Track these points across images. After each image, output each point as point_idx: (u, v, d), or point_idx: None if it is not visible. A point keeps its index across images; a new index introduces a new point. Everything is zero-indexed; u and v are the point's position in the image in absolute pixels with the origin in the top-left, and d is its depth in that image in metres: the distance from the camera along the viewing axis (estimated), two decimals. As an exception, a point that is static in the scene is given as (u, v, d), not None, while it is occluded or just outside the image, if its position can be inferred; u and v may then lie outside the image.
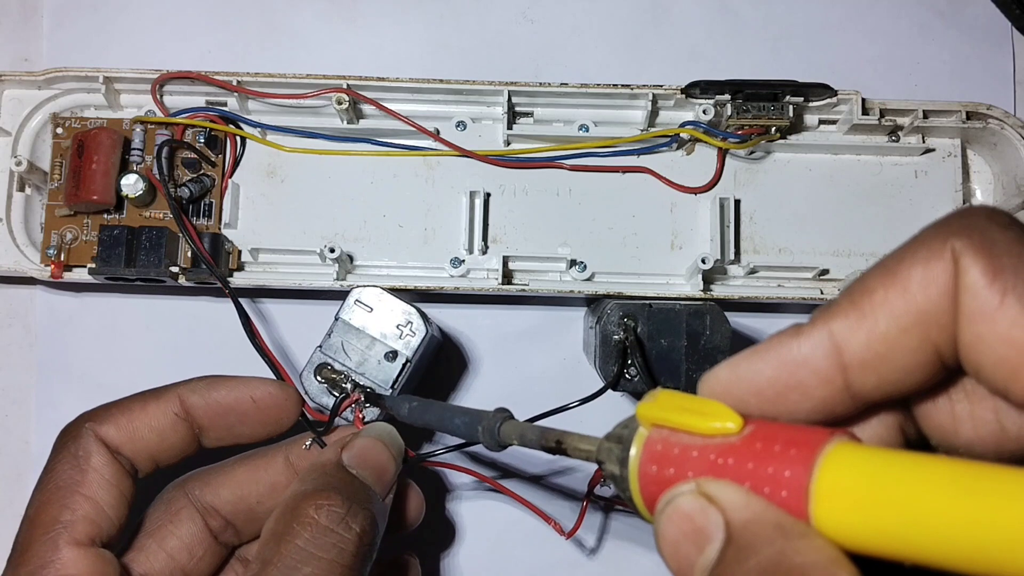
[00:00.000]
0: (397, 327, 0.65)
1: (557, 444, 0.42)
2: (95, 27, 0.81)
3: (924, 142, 0.76)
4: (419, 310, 0.65)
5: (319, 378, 0.64)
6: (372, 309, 0.65)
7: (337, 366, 0.64)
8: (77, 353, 0.77)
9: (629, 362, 0.64)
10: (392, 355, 0.64)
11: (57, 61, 0.79)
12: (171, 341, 0.77)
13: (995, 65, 0.82)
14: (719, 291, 0.73)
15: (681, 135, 0.75)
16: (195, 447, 0.59)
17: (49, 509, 0.53)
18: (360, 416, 0.64)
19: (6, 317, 0.78)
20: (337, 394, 0.64)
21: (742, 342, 0.73)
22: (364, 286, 0.66)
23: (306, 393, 0.64)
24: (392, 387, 0.64)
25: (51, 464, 0.55)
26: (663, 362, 0.64)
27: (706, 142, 0.75)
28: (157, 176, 0.71)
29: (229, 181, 0.75)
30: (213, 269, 0.69)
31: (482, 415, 0.49)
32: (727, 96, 0.73)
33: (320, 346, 0.64)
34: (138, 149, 0.74)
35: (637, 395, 0.66)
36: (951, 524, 0.28)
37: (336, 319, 0.65)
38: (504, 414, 0.49)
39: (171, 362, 0.77)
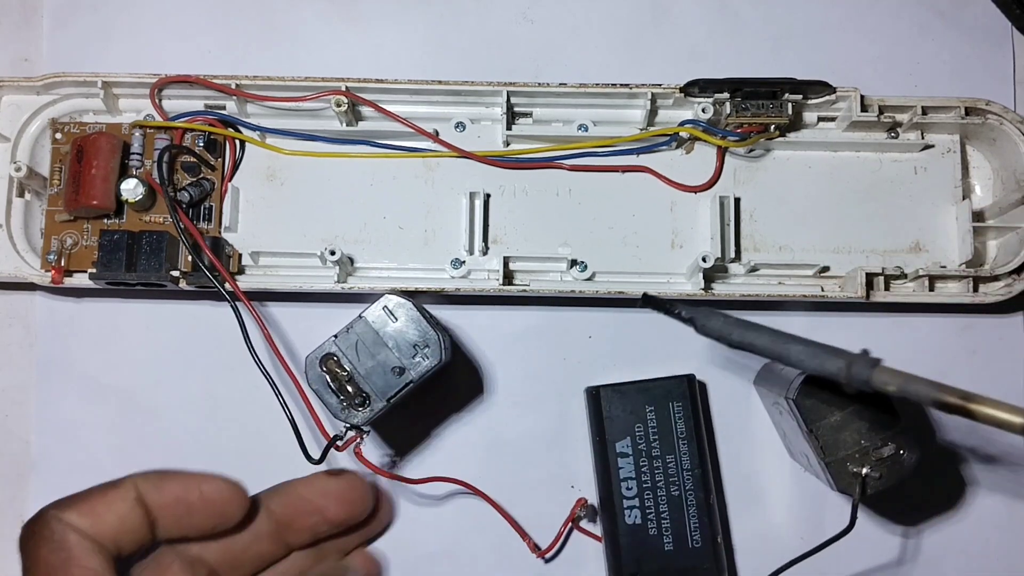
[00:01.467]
0: (413, 346, 0.64)
1: (960, 404, 0.36)
2: (95, 27, 0.81)
3: (923, 138, 0.76)
4: (440, 336, 0.65)
5: (323, 367, 0.64)
6: (396, 319, 0.65)
7: (344, 363, 0.64)
8: (77, 354, 0.77)
9: None
10: (399, 371, 0.64)
11: (57, 61, 0.79)
12: (172, 343, 0.77)
13: (995, 65, 0.82)
14: (720, 289, 0.73)
15: (680, 134, 0.75)
16: (151, 537, 0.59)
17: None
18: (360, 452, 0.66)
19: (6, 317, 0.78)
20: (335, 388, 0.64)
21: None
22: (397, 295, 0.66)
23: (306, 376, 0.64)
24: (388, 400, 0.64)
25: (32, 555, 0.55)
26: None
27: (705, 141, 0.75)
28: (157, 180, 0.71)
29: (229, 184, 0.75)
30: (213, 277, 0.69)
31: (841, 351, 0.48)
32: (726, 94, 0.73)
33: (335, 336, 0.64)
34: (137, 153, 0.74)
35: None
36: None
37: (359, 316, 0.65)
38: (873, 359, 0.46)
39: (172, 364, 0.77)
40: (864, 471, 0.61)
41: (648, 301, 0.62)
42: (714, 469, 0.75)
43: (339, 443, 0.65)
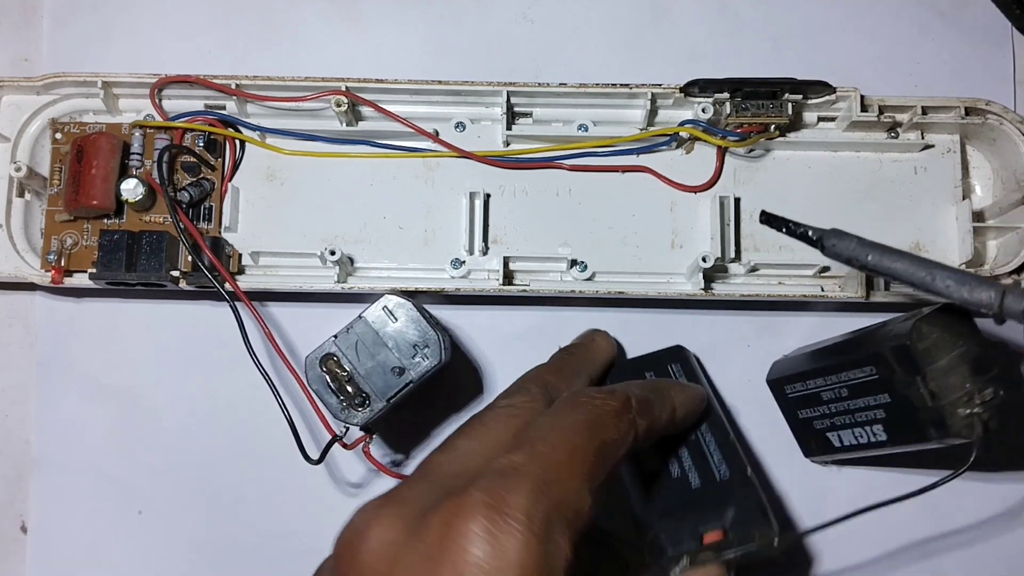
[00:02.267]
0: (413, 346, 0.65)
1: None
2: (95, 27, 0.81)
3: (923, 138, 0.76)
4: (440, 336, 0.65)
5: (323, 367, 0.64)
6: (396, 319, 0.65)
7: (344, 363, 0.64)
8: (77, 354, 0.77)
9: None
10: (399, 371, 0.64)
11: (57, 61, 0.79)
12: (172, 343, 0.77)
13: (995, 65, 0.82)
14: (720, 289, 0.73)
15: (680, 134, 0.75)
16: None
17: (592, 459, 0.54)
18: (368, 451, 0.67)
19: (6, 317, 0.78)
20: (335, 388, 0.64)
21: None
22: (397, 295, 0.66)
23: (306, 376, 0.64)
24: (388, 400, 0.64)
25: (598, 416, 0.56)
26: None
27: (705, 141, 0.75)
28: (157, 180, 0.71)
29: (229, 185, 0.75)
30: (212, 277, 0.69)
31: (992, 281, 0.47)
32: (726, 94, 0.73)
33: (335, 336, 0.64)
34: (137, 153, 0.74)
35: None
36: None
37: (359, 317, 0.65)
38: None
39: (172, 364, 0.77)
40: (976, 412, 0.60)
41: (768, 219, 0.61)
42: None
43: (347, 443, 0.66)
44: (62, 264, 0.72)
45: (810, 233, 0.59)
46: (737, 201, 0.75)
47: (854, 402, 0.68)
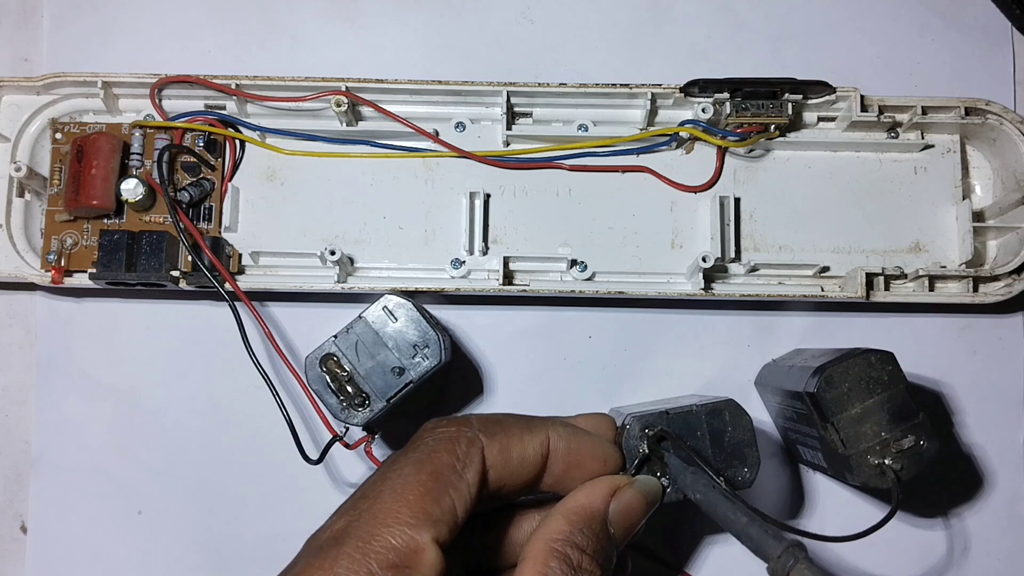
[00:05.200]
0: (413, 346, 0.64)
1: None
2: (95, 27, 0.81)
3: (923, 138, 0.76)
4: (440, 336, 0.65)
5: (323, 367, 0.64)
6: (396, 319, 0.65)
7: (344, 363, 0.64)
8: (77, 354, 0.77)
9: (658, 473, 0.60)
10: (399, 371, 0.64)
11: (57, 61, 0.79)
12: (172, 343, 0.77)
13: (995, 65, 0.82)
14: (720, 289, 0.73)
15: (680, 134, 0.75)
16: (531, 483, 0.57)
17: (421, 493, 0.51)
18: (371, 451, 0.67)
19: (6, 318, 0.78)
20: (335, 388, 0.64)
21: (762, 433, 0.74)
22: (396, 295, 0.66)
23: (306, 376, 0.64)
24: (388, 400, 0.64)
25: (431, 446, 0.53)
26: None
27: (705, 140, 0.75)
28: (157, 180, 0.71)
29: (229, 184, 0.75)
30: (212, 277, 0.69)
31: (772, 546, 0.50)
32: (726, 94, 0.73)
33: (335, 336, 0.64)
34: (137, 153, 0.74)
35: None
36: None
37: (359, 317, 0.65)
38: (799, 553, 0.49)
39: (172, 364, 0.77)
40: (886, 463, 0.61)
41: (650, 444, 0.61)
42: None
43: (349, 443, 0.66)
44: (62, 264, 0.72)
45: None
46: (737, 201, 0.75)
47: (800, 426, 0.68)
